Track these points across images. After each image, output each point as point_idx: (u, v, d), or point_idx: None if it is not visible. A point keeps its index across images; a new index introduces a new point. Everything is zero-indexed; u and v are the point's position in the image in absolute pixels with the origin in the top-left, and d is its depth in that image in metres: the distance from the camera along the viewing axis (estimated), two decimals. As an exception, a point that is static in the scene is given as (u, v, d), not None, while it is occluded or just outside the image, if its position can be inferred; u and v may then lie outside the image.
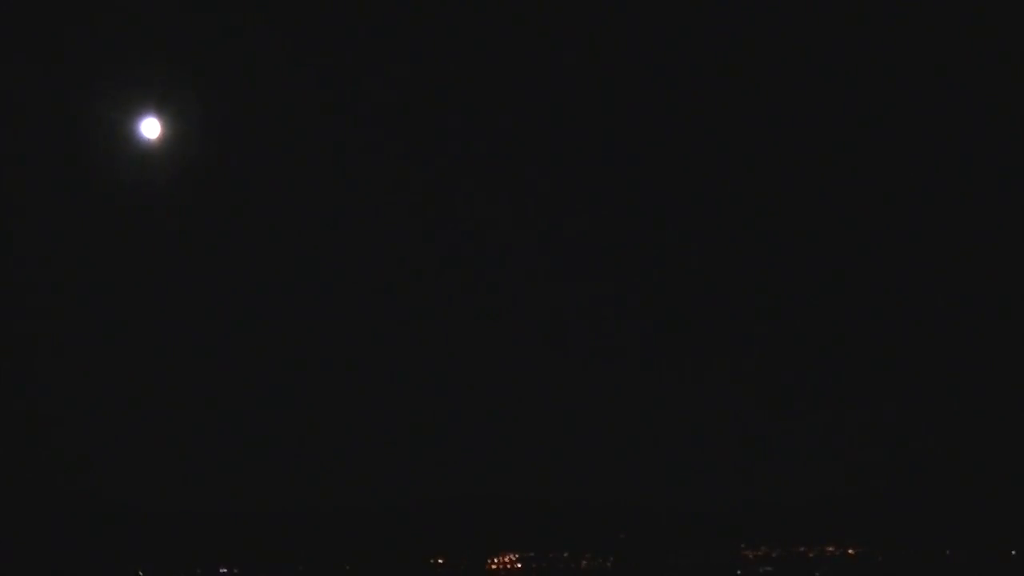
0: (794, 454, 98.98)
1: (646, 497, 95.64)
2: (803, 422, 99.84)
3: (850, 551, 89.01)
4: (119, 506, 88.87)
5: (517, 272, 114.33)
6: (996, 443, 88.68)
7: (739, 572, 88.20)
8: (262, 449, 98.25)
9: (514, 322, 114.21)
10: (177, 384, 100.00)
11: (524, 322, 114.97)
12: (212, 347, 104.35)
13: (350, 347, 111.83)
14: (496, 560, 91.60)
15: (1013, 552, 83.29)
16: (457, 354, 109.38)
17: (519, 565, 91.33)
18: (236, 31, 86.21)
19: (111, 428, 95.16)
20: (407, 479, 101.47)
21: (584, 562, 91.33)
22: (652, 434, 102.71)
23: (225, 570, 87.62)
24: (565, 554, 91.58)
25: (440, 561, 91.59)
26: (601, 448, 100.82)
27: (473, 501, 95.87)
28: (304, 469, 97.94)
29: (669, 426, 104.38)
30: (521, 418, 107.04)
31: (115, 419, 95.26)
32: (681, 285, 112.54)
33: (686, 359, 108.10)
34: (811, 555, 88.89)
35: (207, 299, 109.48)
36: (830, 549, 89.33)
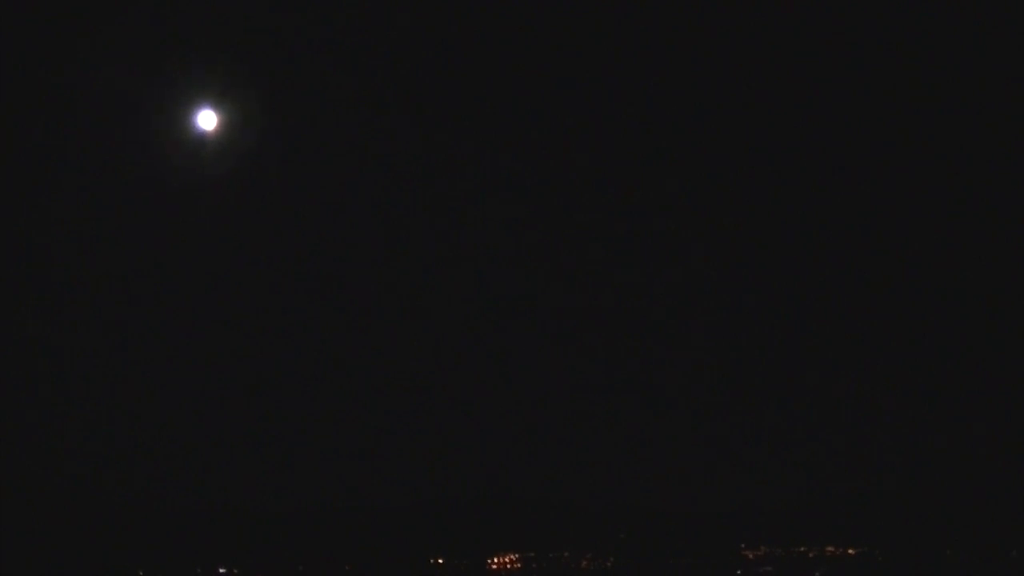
0: (793, 454, 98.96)
1: (646, 497, 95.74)
2: (803, 422, 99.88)
3: (850, 551, 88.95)
4: (119, 506, 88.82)
5: (518, 272, 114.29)
6: (996, 443, 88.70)
7: (739, 572, 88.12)
8: (262, 449, 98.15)
9: (514, 322, 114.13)
10: (178, 383, 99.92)
11: (523, 322, 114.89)
12: (215, 345, 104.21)
13: (350, 346, 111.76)
14: (496, 560, 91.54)
15: (1013, 552, 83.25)
16: (457, 353, 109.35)
17: (519, 565, 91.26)
18: (295, 25, 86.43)
19: (111, 427, 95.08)
20: (407, 479, 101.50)
21: (584, 562, 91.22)
22: (652, 434, 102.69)
23: (225, 570, 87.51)
24: (565, 554, 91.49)
25: (440, 561, 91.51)
26: (601, 448, 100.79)
27: (473, 501, 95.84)
28: (304, 469, 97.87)
29: (669, 426, 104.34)
30: (521, 418, 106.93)
31: (116, 418, 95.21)
32: (681, 284, 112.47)
33: (686, 359, 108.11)
34: (811, 555, 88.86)
35: (232, 295, 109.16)
36: (830, 549, 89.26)
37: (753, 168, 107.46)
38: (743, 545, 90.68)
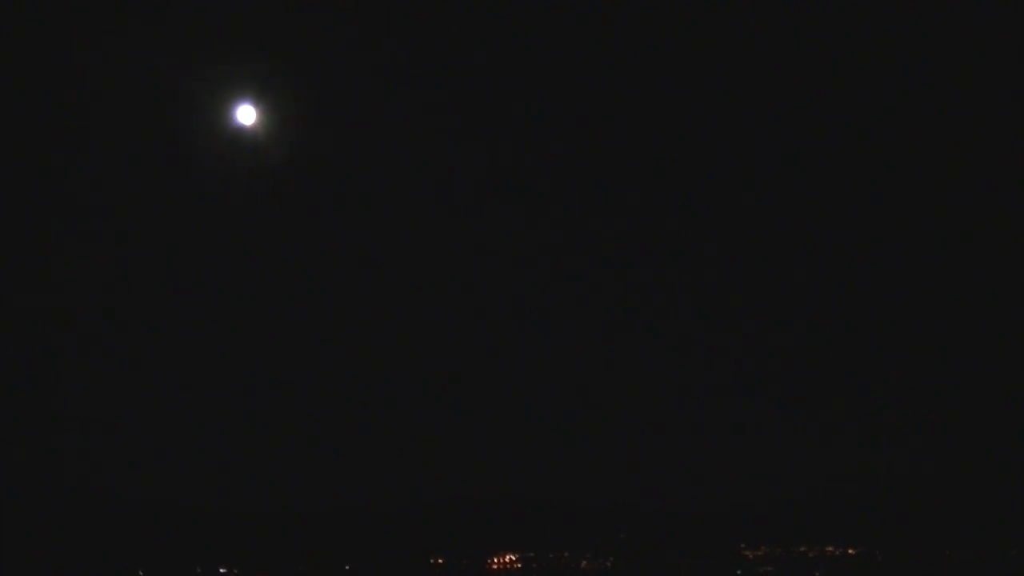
0: (794, 454, 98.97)
1: (646, 497, 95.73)
2: (802, 422, 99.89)
3: (850, 551, 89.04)
4: (119, 506, 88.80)
5: (517, 272, 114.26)
6: (995, 443, 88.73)
7: (739, 572, 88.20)
8: (262, 449, 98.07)
9: (513, 322, 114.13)
10: (178, 382, 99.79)
11: (523, 322, 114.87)
12: (215, 345, 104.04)
13: (350, 346, 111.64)
14: (496, 560, 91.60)
15: (1013, 552, 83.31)
16: (457, 353, 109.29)
17: (519, 565, 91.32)
18: (334, 21, 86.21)
19: (111, 426, 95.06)
20: (407, 479, 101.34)
21: (584, 562, 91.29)
22: (652, 434, 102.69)
23: (225, 570, 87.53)
24: (565, 554, 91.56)
25: (440, 561, 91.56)
26: (601, 448, 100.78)
27: (473, 501, 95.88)
28: (304, 469, 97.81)
29: (669, 426, 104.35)
30: (521, 418, 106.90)
31: (115, 417, 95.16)
32: (679, 284, 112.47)
33: (685, 358, 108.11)
34: (811, 555, 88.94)
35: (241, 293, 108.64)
36: (830, 549, 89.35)
37: (755, 168, 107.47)
38: (743, 545, 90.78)
